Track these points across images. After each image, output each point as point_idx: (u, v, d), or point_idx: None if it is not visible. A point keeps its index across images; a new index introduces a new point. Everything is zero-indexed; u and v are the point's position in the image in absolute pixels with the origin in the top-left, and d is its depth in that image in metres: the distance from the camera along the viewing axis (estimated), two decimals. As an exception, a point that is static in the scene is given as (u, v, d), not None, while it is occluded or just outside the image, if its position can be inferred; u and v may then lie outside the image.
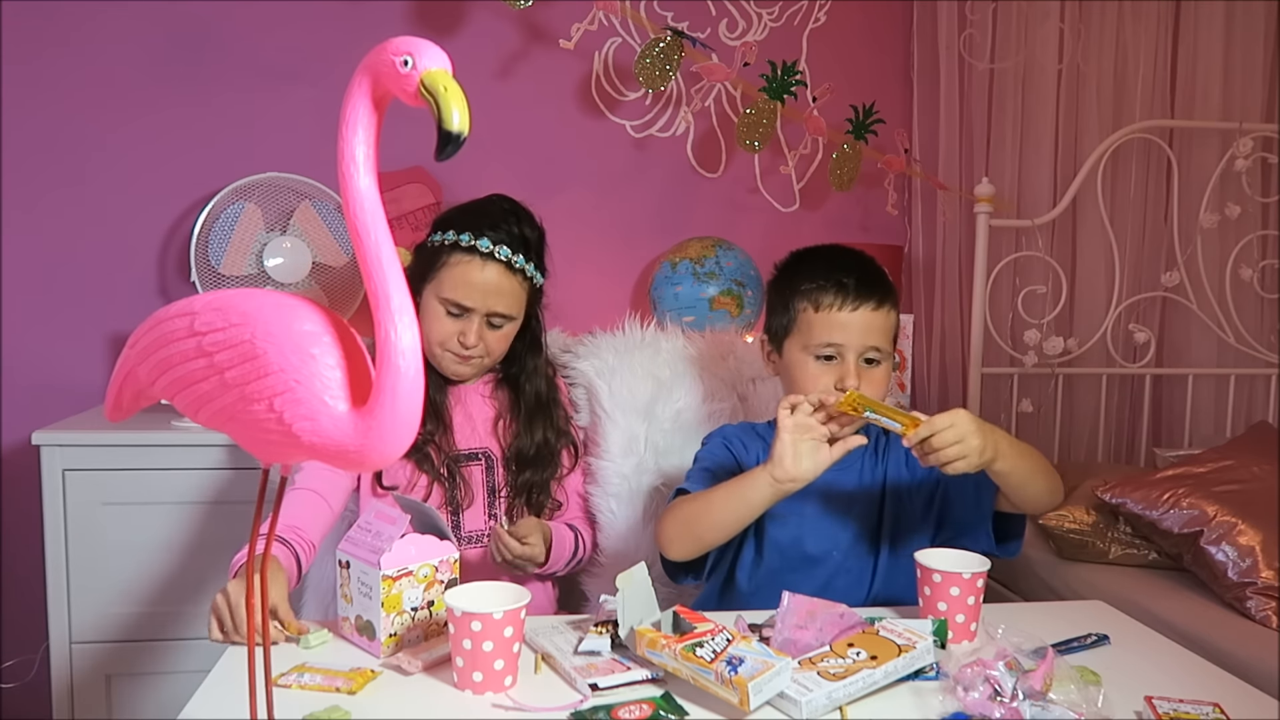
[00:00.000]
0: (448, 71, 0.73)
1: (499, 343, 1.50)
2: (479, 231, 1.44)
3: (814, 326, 1.32)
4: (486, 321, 1.47)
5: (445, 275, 1.45)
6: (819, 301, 1.32)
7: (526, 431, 1.55)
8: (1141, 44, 2.49)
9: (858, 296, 1.31)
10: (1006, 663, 0.95)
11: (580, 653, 1.07)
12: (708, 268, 2.20)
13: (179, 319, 0.79)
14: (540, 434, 1.55)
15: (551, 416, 1.58)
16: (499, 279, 1.45)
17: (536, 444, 1.54)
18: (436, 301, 1.46)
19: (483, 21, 2.30)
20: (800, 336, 1.34)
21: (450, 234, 1.45)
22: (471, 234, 1.44)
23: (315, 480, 1.37)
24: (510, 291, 1.47)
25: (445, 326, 1.46)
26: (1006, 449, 1.17)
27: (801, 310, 1.34)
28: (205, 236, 2.00)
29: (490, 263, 1.44)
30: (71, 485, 1.82)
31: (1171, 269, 2.50)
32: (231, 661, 1.06)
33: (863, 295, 1.31)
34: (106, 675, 1.86)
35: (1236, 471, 1.89)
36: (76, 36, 2.15)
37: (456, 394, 1.55)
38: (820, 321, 1.31)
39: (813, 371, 1.31)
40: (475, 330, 1.46)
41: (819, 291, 1.32)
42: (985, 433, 1.15)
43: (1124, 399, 2.62)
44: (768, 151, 2.37)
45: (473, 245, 1.43)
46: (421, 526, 1.16)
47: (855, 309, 1.30)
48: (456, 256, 1.44)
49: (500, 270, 1.45)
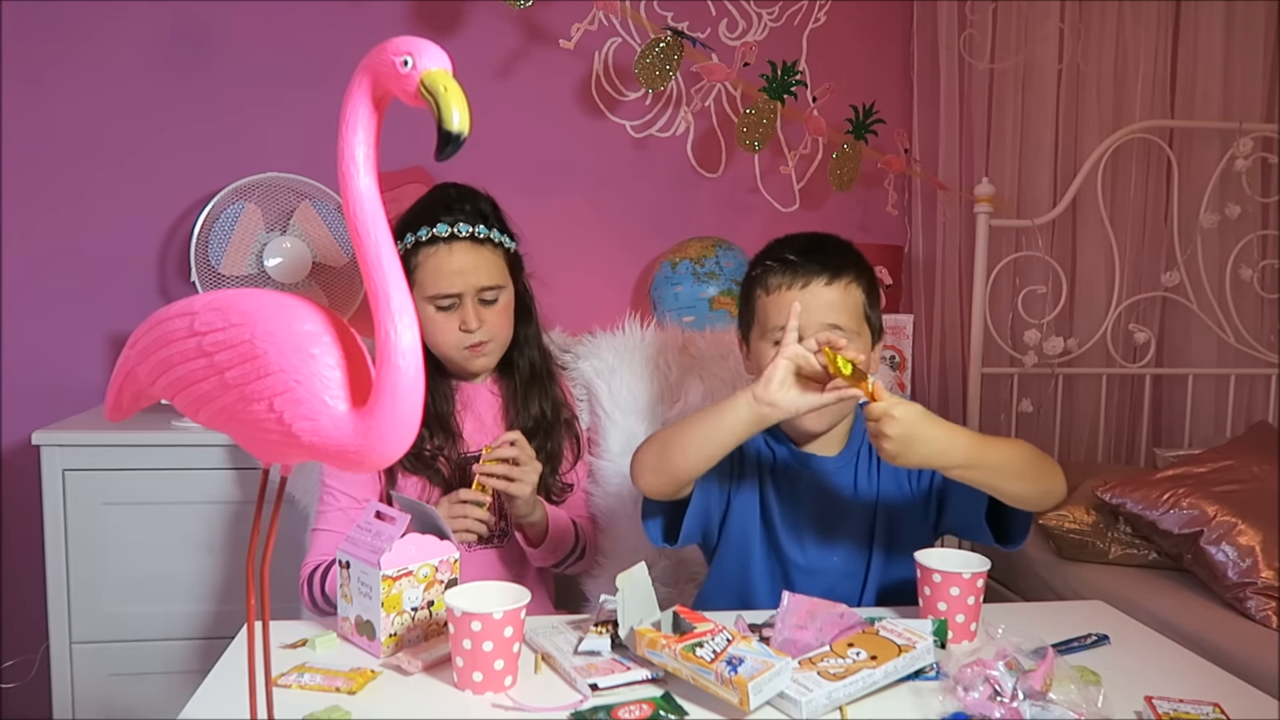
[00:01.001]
0: (448, 71, 0.73)
1: (499, 319, 1.49)
2: (432, 221, 1.44)
3: (768, 310, 1.28)
4: (479, 300, 1.47)
5: (421, 276, 1.45)
6: (768, 284, 1.29)
7: (525, 405, 1.54)
8: (1141, 44, 2.49)
9: (806, 273, 1.26)
10: (1006, 663, 0.95)
11: (580, 653, 1.07)
12: (708, 268, 2.20)
13: (179, 319, 0.79)
14: (537, 406, 1.55)
15: (548, 389, 1.58)
16: (471, 255, 1.45)
17: (534, 417, 1.54)
18: (427, 305, 1.45)
19: (483, 21, 2.30)
20: (760, 324, 1.30)
21: (409, 237, 1.45)
22: (426, 226, 1.44)
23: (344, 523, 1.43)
24: (487, 263, 1.46)
25: (444, 325, 1.46)
26: (962, 456, 1.13)
27: (757, 298, 1.31)
28: (205, 236, 2.00)
29: (455, 243, 1.44)
30: (71, 485, 1.82)
31: (1171, 269, 2.50)
32: (231, 661, 1.06)
33: (811, 271, 1.26)
34: (107, 675, 1.86)
35: (1236, 471, 1.89)
36: (77, 36, 2.15)
37: (464, 398, 1.55)
38: (772, 304, 1.28)
39: (773, 359, 1.22)
40: (472, 313, 1.45)
41: (766, 274, 1.30)
42: (931, 440, 1.11)
43: (1124, 399, 2.62)
44: (768, 151, 2.37)
45: (432, 235, 1.44)
46: (421, 526, 1.16)
47: (805, 285, 1.26)
48: (423, 253, 1.44)
49: (467, 247, 1.45)
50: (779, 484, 1.36)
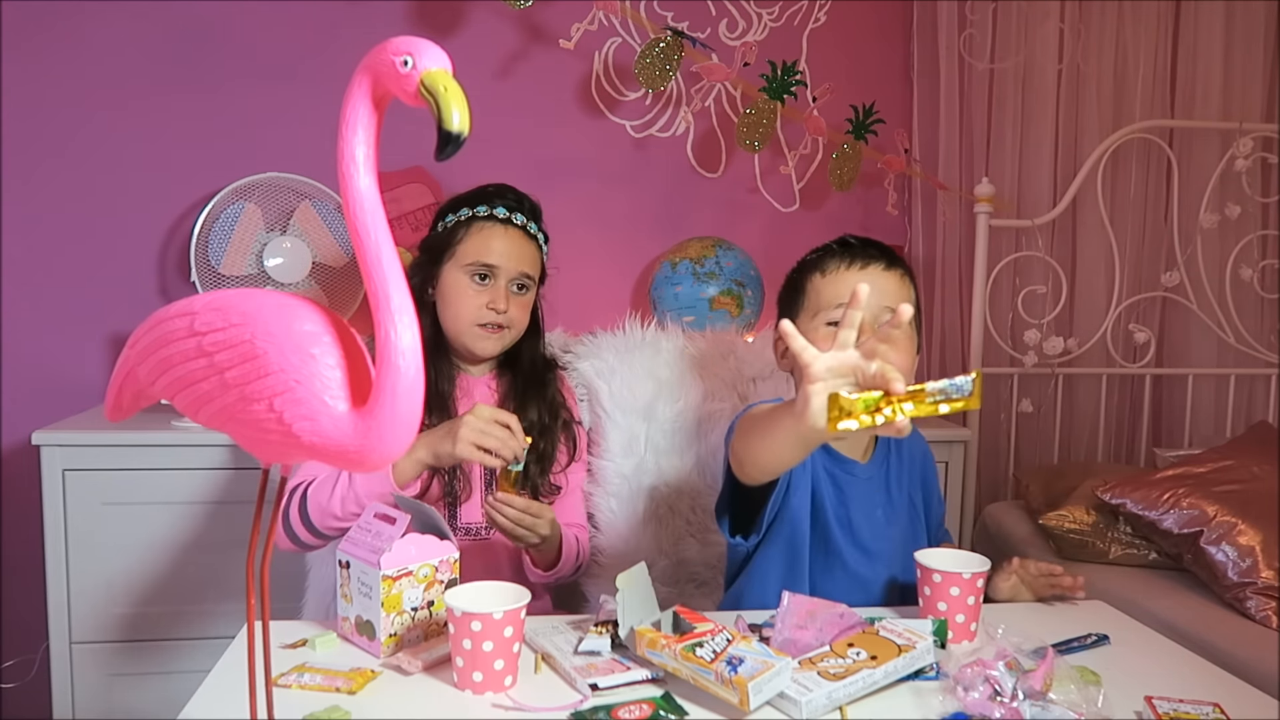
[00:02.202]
0: (448, 71, 0.73)
1: (522, 311, 1.55)
2: (491, 202, 1.52)
3: (822, 291, 1.29)
4: (513, 285, 1.52)
5: (468, 244, 1.51)
6: (825, 267, 1.30)
7: (523, 407, 1.55)
8: (1141, 44, 2.49)
9: (866, 256, 1.28)
10: (1006, 663, 0.95)
11: (580, 653, 1.07)
12: (708, 268, 2.20)
13: (179, 319, 0.79)
14: (535, 410, 1.56)
15: (547, 392, 1.59)
16: (520, 241, 1.53)
17: (531, 420, 1.55)
18: (461, 273, 1.50)
19: (483, 21, 2.30)
20: (811, 306, 1.30)
21: (464, 210, 1.52)
22: (486, 205, 1.52)
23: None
24: (531, 255, 1.54)
25: (474, 299, 1.50)
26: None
27: (809, 281, 1.31)
28: (205, 236, 2.00)
29: (510, 227, 1.52)
30: (71, 485, 1.82)
31: (1171, 269, 2.50)
32: (231, 661, 1.06)
33: (871, 255, 1.28)
34: (107, 675, 1.86)
35: (1236, 471, 1.89)
36: (77, 36, 2.15)
37: (464, 386, 1.56)
38: (828, 284, 1.28)
39: (823, 337, 1.20)
40: (504, 294, 1.51)
41: (825, 258, 1.31)
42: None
43: (1124, 399, 2.62)
44: (768, 151, 2.37)
45: (490, 214, 1.51)
46: (421, 526, 1.16)
47: (864, 267, 1.27)
48: (476, 225, 1.51)
49: (518, 235, 1.53)
50: (831, 485, 1.33)
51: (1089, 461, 2.52)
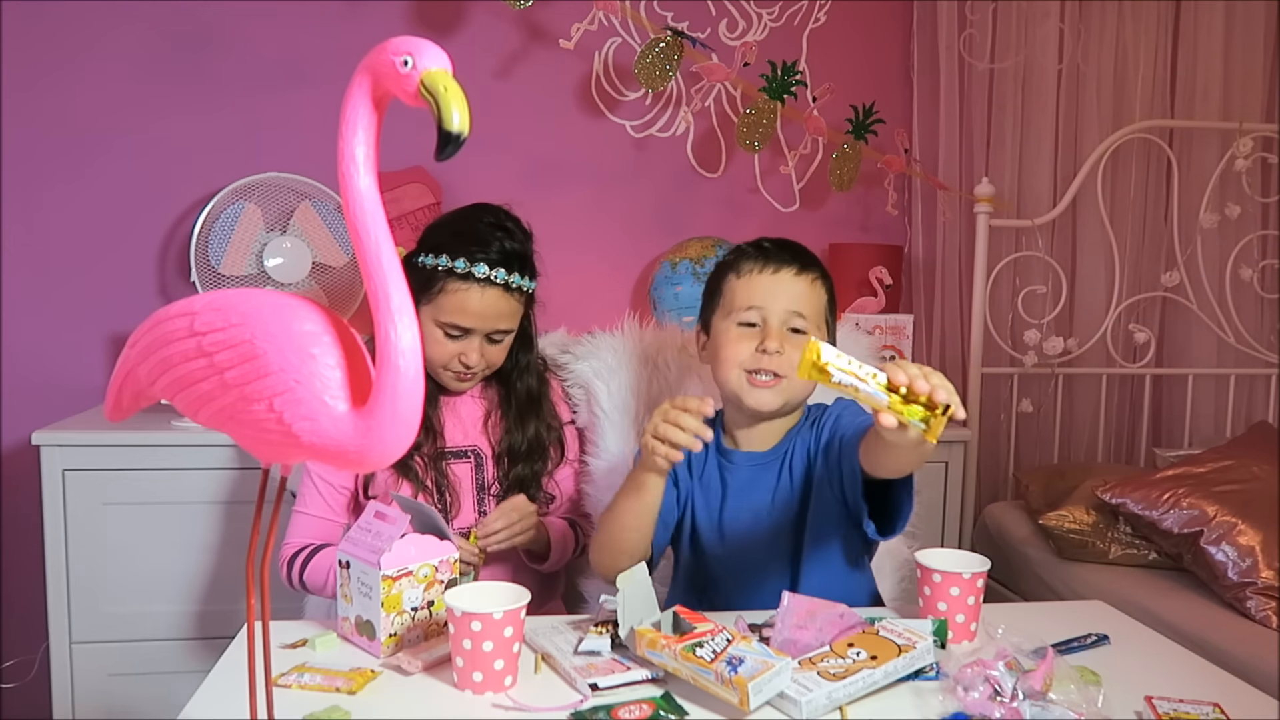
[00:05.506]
0: (448, 71, 0.73)
1: (499, 354, 1.51)
2: (472, 256, 1.41)
3: (736, 293, 1.32)
4: (487, 339, 1.47)
5: (443, 301, 1.43)
6: (740, 268, 1.33)
7: (518, 427, 1.55)
8: (1141, 44, 2.49)
9: (779, 261, 1.31)
10: (1006, 663, 0.95)
11: (580, 653, 1.07)
12: (708, 268, 2.19)
13: (179, 319, 0.79)
14: (532, 429, 1.56)
15: (541, 411, 1.58)
16: (498, 301, 1.44)
17: (529, 439, 1.54)
18: (434, 325, 1.44)
19: (483, 21, 2.30)
20: (725, 306, 1.34)
21: (444, 259, 1.42)
22: (466, 259, 1.41)
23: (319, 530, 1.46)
24: (509, 310, 1.47)
25: (446, 349, 1.45)
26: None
27: (727, 282, 1.34)
28: (205, 236, 2.00)
29: (489, 288, 1.42)
30: (71, 485, 1.82)
31: (1171, 269, 2.50)
32: (231, 661, 1.06)
33: (784, 260, 1.31)
34: (107, 675, 1.86)
35: (1236, 471, 1.89)
36: (77, 37, 2.15)
37: (447, 397, 1.55)
38: (742, 286, 1.32)
39: (734, 337, 1.29)
40: (477, 349, 1.46)
41: (740, 259, 1.34)
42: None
43: (1124, 399, 2.62)
44: (768, 151, 2.37)
45: (469, 272, 1.41)
46: (421, 526, 1.16)
47: (776, 271, 1.30)
48: (454, 284, 1.42)
49: (498, 294, 1.44)
50: (703, 481, 1.36)
51: (1089, 461, 2.52)
